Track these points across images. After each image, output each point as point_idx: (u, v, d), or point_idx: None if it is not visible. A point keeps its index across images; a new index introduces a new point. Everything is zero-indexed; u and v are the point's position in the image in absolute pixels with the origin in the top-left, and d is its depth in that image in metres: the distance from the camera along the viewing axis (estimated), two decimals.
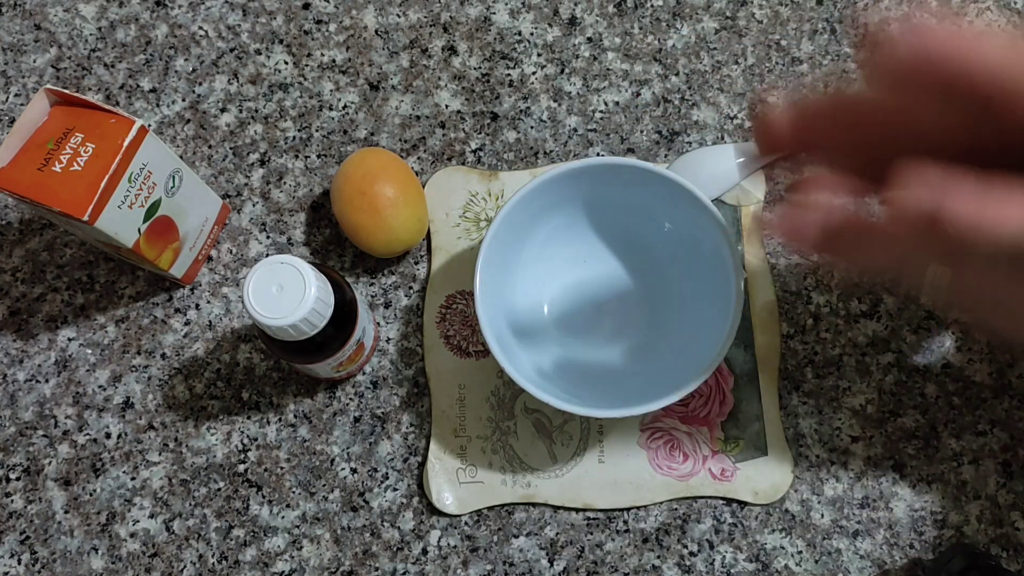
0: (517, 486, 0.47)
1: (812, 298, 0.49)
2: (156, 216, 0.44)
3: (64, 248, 0.50)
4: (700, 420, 0.48)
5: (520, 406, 0.48)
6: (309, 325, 0.38)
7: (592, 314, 0.48)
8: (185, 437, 0.48)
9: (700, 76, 0.53)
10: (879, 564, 0.46)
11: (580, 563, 0.46)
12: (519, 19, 0.54)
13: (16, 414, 0.48)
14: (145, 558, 0.46)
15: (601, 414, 0.42)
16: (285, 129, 0.52)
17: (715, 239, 0.43)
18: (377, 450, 0.48)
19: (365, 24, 0.54)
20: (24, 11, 0.54)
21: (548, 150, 0.52)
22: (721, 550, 0.46)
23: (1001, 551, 0.46)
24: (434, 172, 0.51)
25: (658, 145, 0.52)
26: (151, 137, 0.41)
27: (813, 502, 0.47)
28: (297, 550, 0.46)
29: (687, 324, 0.46)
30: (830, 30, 0.54)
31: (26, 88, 0.53)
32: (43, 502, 0.47)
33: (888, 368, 0.48)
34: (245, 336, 0.49)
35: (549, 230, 0.48)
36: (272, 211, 0.51)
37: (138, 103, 0.52)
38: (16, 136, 0.40)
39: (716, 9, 0.54)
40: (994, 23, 0.54)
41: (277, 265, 0.37)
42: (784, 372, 0.49)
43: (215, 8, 0.54)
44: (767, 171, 0.51)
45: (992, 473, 0.47)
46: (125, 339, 0.49)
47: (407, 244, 0.47)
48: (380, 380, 0.49)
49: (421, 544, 0.46)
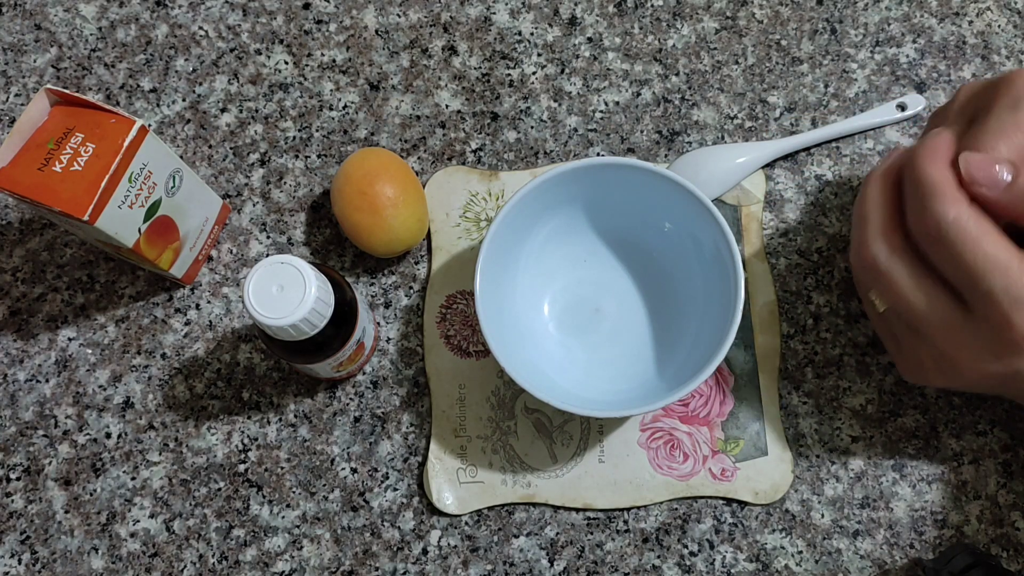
0: (517, 486, 0.47)
1: (812, 298, 0.50)
2: (156, 216, 0.44)
3: (64, 248, 0.50)
4: (700, 420, 0.48)
5: (520, 406, 0.48)
6: (309, 325, 0.38)
7: (592, 314, 0.48)
8: (185, 437, 0.48)
9: (700, 76, 0.53)
10: (879, 564, 0.46)
11: (580, 563, 0.46)
12: (519, 19, 0.54)
13: (16, 414, 0.48)
14: (145, 558, 0.46)
15: (601, 414, 0.42)
16: (285, 129, 0.52)
17: (715, 239, 0.43)
18: (377, 450, 0.48)
19: (365, 24, 0.54)
20: (24, 11, 0.54)
21: (548, 150, 0.52)
22: (721, 550, 0.46)
23: (1001, 551, 0.46)
24: (434, 172, 0.51)
25: (658, 145, 0.52)
26: (151, 137, 0.41)
27: (813, 502, 0.47)
28: (297, 550, 0.46)
29: (687, 324, 0.46)
30: (830, 30, 0.54)
31: (26, 88, 0.53)
32: (43, 502, 0.47)
33: (888, 368, 0.48)
34: (245, 336, 0.49)
35: (549, 230, 0.48)
36: (272, 211, 0.51)
37: (138, 103, 0.52)
38: (16, 136, 0.40)
39: (716, 9, 0.54)
40: (994, 23, 0.54)
41: (277, 265, 0.38)
42: (784, 372, 0.49)
43: (215, 8, 0.54)
44: (767, 171, 0.51)
45: (992, 473, 0.47)
46: (125, 339, 0.49)
47: (407, 244, 0.47)
48: (380, 380, 0.49)
49: (421, 544, 0.46)
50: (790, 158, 0.52)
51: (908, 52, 0.53)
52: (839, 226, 0.50)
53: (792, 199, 0.51)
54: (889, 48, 0.53)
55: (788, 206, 0.51)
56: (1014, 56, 0.53)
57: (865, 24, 0.54)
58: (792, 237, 0.50)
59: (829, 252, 0.50)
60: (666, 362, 0.46)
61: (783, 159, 0.52)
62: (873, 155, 0.52)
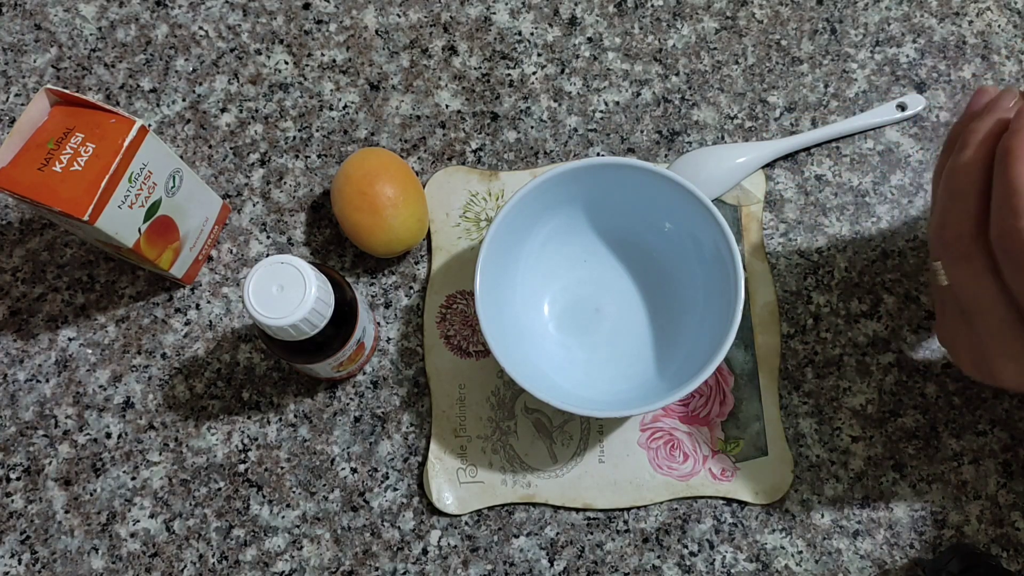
0: (517, 486, 0.47)
1: (812, 298, 0.50)
2: (156, 216, 0.44)
3: (64, 248, 0.50)
4: (700, 420, 0.48)
5: (520, 406, 0.48)
6: (309, 325, 0.38)
7: (592, 314, 0.48)
8: (185, 437, 0.48)
9: (700, 76, 0.53)
10: (879, 564, 0.46)
11: (580, 563, 0.46)
12: (519, 19, 0.54)
13: (16, 414, 0.48)
14: (145, 558, 0.46)
15: (601, 414, 0.42)
16: (285, 129, 0.52)
17: (715, 239, 0.43)
18: (377, 450, 0.48)
19: (365, 24, 0.54)
20: (24, 11, 0.54)
21: (548, 150, 0.52)
22: (721, 550, 0.46)
23: (1001, 551, 0.46)
24: (434, 172, 0.51)
25: (658, 145, 0.52)
26: (151, 137, 0.41)
27: (813, 502, 0.47)
28: (297, 550, 0.46)
29: (687, 324, 0.46)
30: (830, 30, 0.54)
31: (26, 88, 0.53)
32: (43, 502, 0.47)
33: (888, 368, 0.48)
34: (245, 336, 0.49)
35: (549, 230, 0.48)
36: (272, 211, 0.51)
37: (138, 103, 0.52)
38: (16, 136, 0.40)
39: (716, 9, 0.54)
40: (994, 23, 0.54)
41: (277, 265, 0.38)
42: (784, 372, 0.49)
43: (215, 8, 0.54)
44: (767, 171, 0.51)
45: (992, 473, 0.47)
46: (125, 339, 0.49)
47: (407, 244, 0.47)
48: (380, 380, 0.49)
49: (421, 544, 0.46)
50: (790, 158, 0.52)
51: (908, 52, 0.53)
52: (839, 226, 0.50)
53: (792, 199, 0.51)
54: (889, 48, 0.53)
55: (788, 206, 0.51)
56: (1014, 56, 0.53)
57: (865, 24, 0.54)
58: (792, 237, 0.50)
59: (829, 252, 0.50)
60: (666, 362, 0.46)
61: (783, 159, 0.52)
62: (873, 155, 0.52)
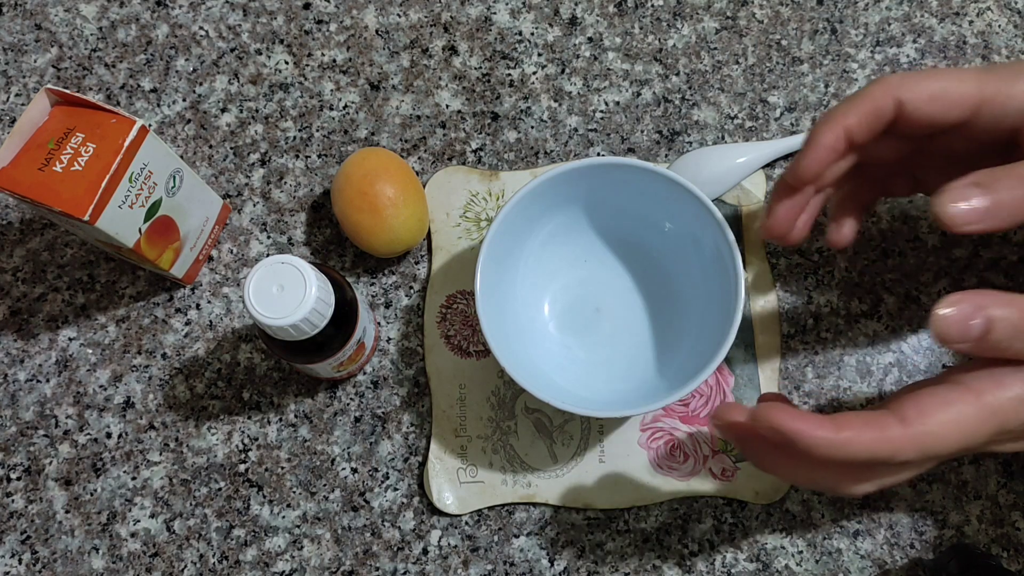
0: (517, 486, 0.47)
1: (812, 298, 0.50)
2: (157, 216, 0.44)
3: (65, 248, 0.50)
4: (700, 420, 0.48)
5: (520, 406, 0.48)
6: (310, 325, 0.38)
7: (592, 314, 0.48)
8: (186, 437, 0.48)
9: (700, 76, 0.53)
10: (879, 564, 0.46)
11: (580, 563, 0.46)
12: (520, 19, 0.54)
13: (17, 414, 0.48)
14: (146, 558, 0.46)
15: (601, 414, 0.42)
16: (286, 129, 0.52)
17: (716, 239, 0.43)
18: (377, 450, 0.48)
19: (366, 24, 0.54)
20: (25, 11, 0.54)
21: (548, 150, 0.52)
22: (721, 550, 0.46)
23: (1001, 551, 0.46)
24: (434, 172, 0.51)
25: (658, 145, 0.52)
26: (152, 137, 0.41)
27: (813, 502, 0.47)
28: (298, 550, 0.46)
29: (687, 324, 0.46)
30: (830, 30, 0.54)
31: (27, 88, 0.53)
32: (44, 502, 0.47)
33: (888, 368, 0.48)
34: (246, 336, 0.49)
35: (549, 230, 0.48)
36: (273, 211, 0.51)
37: (139, 103, 0.53)
38: (17, 136, 0.40)
39: (716, 9, 0.54)
40: (994, 23, 0.54)
41: (278, 265, 0.38)
42: (784, 372, 0.49)
43: (216, 8, 0.54)
44: (767, 171, 0.51)
45: (992, 473, 0.47)
46: (126, 339, 0.49)
47: (408, 244, 0.48)
48: (381, 380, 0.49)
49: (421, 544, 0.46)
50: (790, 158, 0.52)
51: (908, 52, 0.53)
52: None
53: None
54: (889, 48, 0.53)
55: None
56: (1014, 56, 0.53)
57: (865, 24, 0.54)
58: None
59: (829, 252, 0.50)
60: (666, 362, 0.46)
61: (783, 159, 0.52)
62: None
